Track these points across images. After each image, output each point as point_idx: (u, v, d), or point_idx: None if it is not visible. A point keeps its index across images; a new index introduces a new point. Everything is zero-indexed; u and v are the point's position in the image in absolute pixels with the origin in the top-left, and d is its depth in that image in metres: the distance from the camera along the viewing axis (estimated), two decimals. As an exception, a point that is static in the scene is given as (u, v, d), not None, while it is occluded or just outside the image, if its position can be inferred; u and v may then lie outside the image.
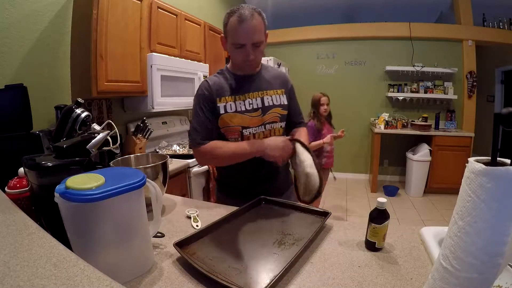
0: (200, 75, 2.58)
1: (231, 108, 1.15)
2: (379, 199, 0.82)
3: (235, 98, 1.16)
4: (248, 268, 0.72)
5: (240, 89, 1.17)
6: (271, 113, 1.19)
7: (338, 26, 4.50)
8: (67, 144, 0.84)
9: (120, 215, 0.65)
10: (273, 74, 1.25)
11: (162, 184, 1.11)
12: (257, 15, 1.05)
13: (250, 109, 1.16)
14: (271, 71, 1.26)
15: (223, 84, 1.17)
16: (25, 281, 0.46)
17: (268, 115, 1.18)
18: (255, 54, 1.08)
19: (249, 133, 1.16)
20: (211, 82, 1.17)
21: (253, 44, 1.06)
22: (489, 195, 0.44)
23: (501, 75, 4.91)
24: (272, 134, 1.20)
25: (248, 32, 1.03)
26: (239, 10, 1.04)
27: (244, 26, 1.02)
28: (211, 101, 1.14)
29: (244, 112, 1.16)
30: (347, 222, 1.02)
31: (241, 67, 1.16)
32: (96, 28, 1.67)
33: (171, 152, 2.24)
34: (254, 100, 1.17)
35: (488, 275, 0.46)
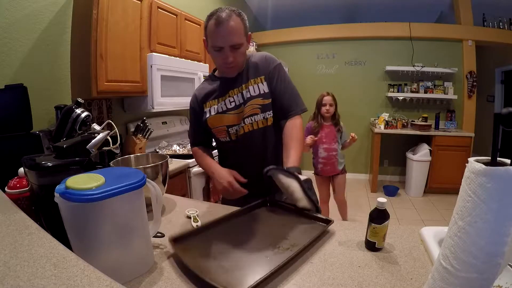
0: (200, 75, 2.58)
1: (214, 110, 1.16)
2: (379, 199, 0.82)
3: (218, 100, 1.16)
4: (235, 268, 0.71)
5: (223, 90, 1.16)
6: (249, 105, 1.12)
7: (338, 26, 4.50)
8: (67, 144, 0.84)
9: (120, 215, 0.65)
10: (254, 63, 1.16)
11: (162, 184, 1.11)
12: (235, 16, 1.03)
13: (231, 107, 1.14)
14: (253, 60, 1.16)
15: (208, 89, 1.19)
16: (25, 281, 0.46)
17: (247, 108, 1.12)
18: (234, 57, 1.05)
19: (234, 131, 1.16)
20: (197, 92, 1.22)
21: (231, 47, 1.03)
22: (489, 195, 0.44)
23: (501, 75, 4.91)
24: (255, 127, 1.13)
25: (225, 35, 1.01)
26: (217, 12, 1.03)
27: (221, 29, 1.00)
28: (197, 113, 1.21)
29: (226, 112, 1.15)
30: (347, 222, 1.02)
31: (222, 71, 1.15)
32: (96, 28, 1.67)
33: (171, 152, 2.24)
34: (235, 97, 1.14)
35: (488, 275, 0.46)
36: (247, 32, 1.09)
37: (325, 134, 2.51)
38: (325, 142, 2.52)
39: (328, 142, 2.52)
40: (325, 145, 2.53)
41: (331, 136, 2.52)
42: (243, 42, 1.06)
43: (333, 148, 2.52)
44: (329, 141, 2.52)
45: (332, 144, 2.52)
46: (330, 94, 2.50)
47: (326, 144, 2.53)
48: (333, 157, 2.55)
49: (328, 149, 2.52)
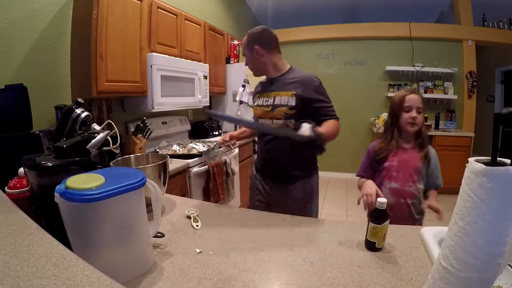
0: (200, 75, 2.58)
1: (255, 102, 1.55)
2: (379, 199, 0.82)
3: (260, 95, 1.52)
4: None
5: (263, 89, 1.53)
6: (277, 111, 1.40)
7: (338, 26, 4.50)
8: (67, 144, 0.84)
9: (120, 215, 0.65)
10: (292, 78, 1.44)
11: (162, 184, 1.11)
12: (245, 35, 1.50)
13: (264, 105, 1.46)
14: (293, 75, 1.45)
15: (259, 85, 1.61)
16: (25, 281, 0.46)
17: (275, 112, 1.41)
18: (247, 63, 1.52)
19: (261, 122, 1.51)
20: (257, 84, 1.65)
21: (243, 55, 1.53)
22: (489, 195, 0.44)
23: (501, 75, 4.91)
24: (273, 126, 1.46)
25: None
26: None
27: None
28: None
29: (261, 106, 1.48)
30: (347, 222, 1.02)
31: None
32: (96, 28, 1.67)
33: (171, 152, 2.24)
34: (268, 99, 1.46)
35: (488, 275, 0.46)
36: (250, 46, 1.46)
37: (398, 164, 1.35)
38: (396, 178, 1.34)
39: (402, 179, 1.33)
40: (394, 183, 1.34)
41: (410, 168, 1.33)
42: (245, 53, 1.49)
43: (409, 192, 1.31)
44: (404, 177, 1.33)
45: (408, 184, 1.32)
46: (416, 91, 1.39)
47: (396, 182, 1.34)
48: (404, 206, 1.32)
49: (399, 191, 1.33)
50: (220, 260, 0.76)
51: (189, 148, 2.32)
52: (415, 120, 1.32)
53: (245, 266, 0.74)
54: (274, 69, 1.49)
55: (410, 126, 1.33)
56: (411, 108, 1.33)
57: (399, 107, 1.36)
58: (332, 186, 4.35)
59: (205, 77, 2.67)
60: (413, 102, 1.34)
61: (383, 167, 1.37)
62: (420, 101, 1.35)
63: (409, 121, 1.33)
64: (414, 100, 1.34)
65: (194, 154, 2.20)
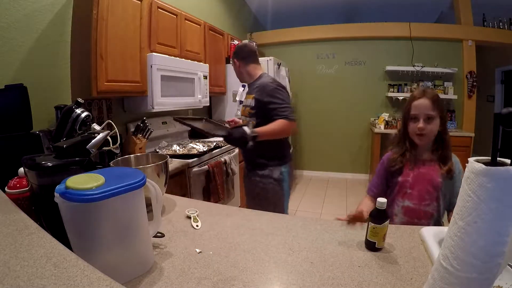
0: (200, 75, 2.58)
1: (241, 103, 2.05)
2: (379, 199, 0.82)
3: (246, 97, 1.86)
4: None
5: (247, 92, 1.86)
6: (245, 111, 1.78)
7: (338, 26, 4.50)
8: (67, 144, 0.84)
9: (120, 215, 0.65)
10: (256, 84, 1.73)
11: (162, 184, 1.11)
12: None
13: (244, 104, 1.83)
14: (257, 82, 1.74)
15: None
16: (25, 281, 0.46)
17: (245, 111, 1.77)
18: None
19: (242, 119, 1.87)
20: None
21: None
22: (489, 195, 0.44)
23: (501, 75, 4.91)
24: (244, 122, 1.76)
25: None
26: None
27: None
28: None
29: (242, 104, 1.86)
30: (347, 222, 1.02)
31: None
32: (96, 28, 1.67)
33: (171, 152, 2.24)
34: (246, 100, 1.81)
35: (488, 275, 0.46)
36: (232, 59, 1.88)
37: (413, 179, 1.17)
38: (411, 195, 1.17)
39: (418, 197, 1.15)
40: (408, 201, 1.17)
41: (427, 184, 1.14)
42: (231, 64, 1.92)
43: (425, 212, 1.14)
44: (419, 194, 1.15)
45: (425, 203, 1.14)
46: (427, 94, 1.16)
47: (411, 200, 1.17)
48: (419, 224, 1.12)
49: (413, 211, 1.16)
50: (220, 260, 0.76)
51: (189, 148, 2.32)
52: (422, 131, 1.12)
53: (245, 266, 0.74)
54: (248, 76, 1.81)
55: (417, 139, 1.15)
56: (418, 117, 1.13)
57: (406, 115, 1.19)
58: (332, 186, 4.35)
59: (205, 77, 2.67)
60: (421, 110, 1.13)
61: (397, 182, 1.19)
62: (429, 107, 1.12)
63: (416, 133, 1.14)
64: (422, 107, 1.13)
65: (194, 154, 2.20)
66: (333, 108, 4.66)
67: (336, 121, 4.67)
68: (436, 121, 1.13)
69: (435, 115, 1.12)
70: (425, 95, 1.15)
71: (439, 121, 1.14)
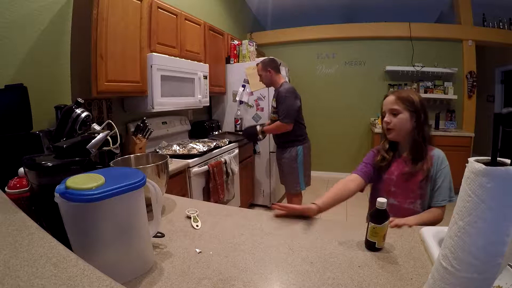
0: (200, 75, 2.58)
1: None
2: (379, 199, 0.82)
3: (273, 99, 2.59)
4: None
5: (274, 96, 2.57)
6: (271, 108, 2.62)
7: (338, 26, 4.50)
8: (67, 144, 0.84)
9: (120, 215, 0.65)
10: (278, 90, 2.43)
11: (162, 184, 1.11)
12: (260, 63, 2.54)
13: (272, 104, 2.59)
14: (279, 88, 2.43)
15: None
16: (25, 281, 0.46)
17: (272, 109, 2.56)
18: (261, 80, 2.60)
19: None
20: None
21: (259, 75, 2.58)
22: (489, 195, 0.44)
23: (501, 75, 4.91)
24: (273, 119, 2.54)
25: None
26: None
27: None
28: None
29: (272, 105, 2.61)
30: (347, 222, 1.02)
31: None
32: (96, 28, 1.67)
33: (171, 152, 2.24)
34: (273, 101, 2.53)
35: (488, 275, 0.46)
36: (264, 68, 2.49)
37: (397, 177, 1.19)
38: (395, 193, 1.19)
39: (401, 195, 1.18)
40: (392, 199, 1.19)
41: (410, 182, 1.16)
42: (261, 74, 2.54)
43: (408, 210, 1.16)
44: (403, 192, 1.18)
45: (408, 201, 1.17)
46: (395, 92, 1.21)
47: (395, 198, 1.19)
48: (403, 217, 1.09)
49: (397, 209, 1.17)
50: (220, 260, 0.76)
51: (189, 148, 2.32)
52: (388, 125, 1.18)
53: (245, 266, 0.74)
54: (276, 83, 2.50)
55: (387, 133, 1.21)
56: (385, 113, 1.21)
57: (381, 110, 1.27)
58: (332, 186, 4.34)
59: (205, 77, 2.67)
60: (386, 105, 1.21)
61: (382, 178, 1.23)
62: (393, 101, 1.18)
63: (385, 127, 1.21)
64: (388, 103, 1.20)
65: (194, 154, 2.20)
66: (333, 108, 4.66)
67: (336, 121, 4.67)
68: (402, 116, 1.16)
69: (399, 109, 1.16)
70: (393, 93, 1.21)
71: (407, 117, 1.16)
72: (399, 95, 1.19)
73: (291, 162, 2.46)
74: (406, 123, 1.16)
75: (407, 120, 1.16)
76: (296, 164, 2.46)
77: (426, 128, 1.19)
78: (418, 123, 1.17)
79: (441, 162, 1.18)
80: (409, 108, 1.16)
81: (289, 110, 2.33)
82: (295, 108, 2.39)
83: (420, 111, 1.17)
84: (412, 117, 1.16)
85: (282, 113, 2.34)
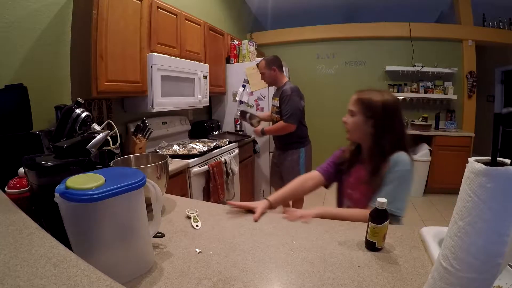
0: (200, 75, 2.57)
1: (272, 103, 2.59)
2: (379, 199, 0.82)
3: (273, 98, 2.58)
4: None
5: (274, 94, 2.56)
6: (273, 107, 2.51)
7: (338, 26, 4.50)
8: (67, 144, 0.84)
9: (120, 215, 0.65)
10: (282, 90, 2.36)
11: (162, 184, 1.11)
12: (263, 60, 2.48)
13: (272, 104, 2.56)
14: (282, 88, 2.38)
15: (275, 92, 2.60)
16: (25, 281, 0.46)
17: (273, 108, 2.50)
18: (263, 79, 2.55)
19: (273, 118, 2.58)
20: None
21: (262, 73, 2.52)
22: (489, 195, 0.44)
23: (501, 75, 4.91)
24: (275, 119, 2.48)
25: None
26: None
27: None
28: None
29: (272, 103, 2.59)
30: (347, 222, 1.02)
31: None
32: (96, 28, 1.67)
33: (171, 152, 2.24)
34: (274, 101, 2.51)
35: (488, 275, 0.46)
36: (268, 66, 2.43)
37: (353, 180, 1.19)
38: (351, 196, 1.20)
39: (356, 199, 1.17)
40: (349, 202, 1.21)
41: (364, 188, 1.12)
42: (264, 72, 2.47)
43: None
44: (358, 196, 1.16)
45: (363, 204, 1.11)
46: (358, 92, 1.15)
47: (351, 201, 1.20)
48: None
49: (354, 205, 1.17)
50: (220, 260, 0.76)
51: (189, 148, 2.32)
52: (345, 125, 1.15)
53: (245, 266, 0.74)
54: (279, 82, 2.45)
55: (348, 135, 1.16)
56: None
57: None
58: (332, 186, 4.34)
59: (205, 77, 2.67)
60: (348, 104, 1.15)
61: (342, 179, 1.22)
62: (353, 101, 1.12)
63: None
64: (350, 101, 1.14)
65: (194, 154, 2.20)
66: (333, 108, 4.65)
67: (336, 121, 4.65)
68: (356, 119, 1.10)
69: (355, 111, 1.11)
70: (357, 92, 1.14)
71: (361, 121, 1.08)
72: (360, 96, 1.12)
73: (294, 165, 2.40)
74: (360, 127, 1.10)
75: (361, 125, 1.09)
76: (298, 167, 2.40)
77: (390, 137, 1.06)
78: (377, 130, 1.07)
79: (394, 165, 1.04)
80: (365, 112, 1.08)
81: (294, 110, 2.27)
82: (300, 109, 2.34)
83: (380, 117, 1.06)
84: (367, 122, 1.08)
85: (286, 113, 2.27)
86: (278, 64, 2.42)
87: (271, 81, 2.46)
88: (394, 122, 1.07)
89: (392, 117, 1.07)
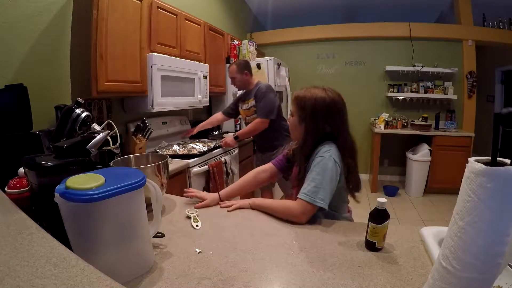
0: (200, 75, 2.57)
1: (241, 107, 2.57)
2: (379, 199, 0.82)
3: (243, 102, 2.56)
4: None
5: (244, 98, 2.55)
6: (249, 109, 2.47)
7: (338, 26, 4.50)
8: (67, 144, 0.84)
9: (120, 215, 0.65)
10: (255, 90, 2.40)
11: (162, 184, 1.11)
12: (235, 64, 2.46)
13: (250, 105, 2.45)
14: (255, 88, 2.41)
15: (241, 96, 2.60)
16: (25, 281, 0.46)
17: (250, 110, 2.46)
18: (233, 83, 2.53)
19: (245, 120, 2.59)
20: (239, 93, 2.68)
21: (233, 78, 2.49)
22: (489, 195, 0.44)
23: (501, 75, 4.91)
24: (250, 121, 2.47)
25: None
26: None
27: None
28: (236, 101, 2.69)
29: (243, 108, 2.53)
30: (347, 222, 1.02)
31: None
32: (96, 28, 1.67)
33: (171, 152, 2.24)
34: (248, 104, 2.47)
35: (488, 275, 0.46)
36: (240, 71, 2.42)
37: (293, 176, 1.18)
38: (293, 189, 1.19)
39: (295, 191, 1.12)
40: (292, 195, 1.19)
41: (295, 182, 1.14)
42: (234, 76, 2.45)
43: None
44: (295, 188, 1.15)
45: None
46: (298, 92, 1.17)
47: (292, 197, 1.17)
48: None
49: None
50: (220, 260, 0.76)
51: (189, 148, 2.32)
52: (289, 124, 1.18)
53: (245, 266, 0.74)
54: (251, 85, 2.47)
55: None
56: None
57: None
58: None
59: (205, 77, 2.67)
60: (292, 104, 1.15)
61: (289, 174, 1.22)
62: (292, 101, 1.13)
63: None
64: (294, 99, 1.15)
65: (194, 154, 2.20)
66: (333, 108, 4.65)
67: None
68: (294, 118, 1.10)
69: (293, 111, 1.12)
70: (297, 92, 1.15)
71: (296, 121, 1.08)
72: (297, 94, 1.10)
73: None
74: (296, 127, 1.09)
75: (297, 125, 1.08)
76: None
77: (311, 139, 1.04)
78: (305, 131, 1.04)
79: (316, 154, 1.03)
80: (299, 113, 1.06)
81: (270, 106, 2.28)
82: (276, 105, 2.35)
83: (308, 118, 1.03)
84: (300, 122, 1.05)
85: (263, 109, 2.29)
86: (249, 69, 2.47)
87: (241, 85, 2.48)
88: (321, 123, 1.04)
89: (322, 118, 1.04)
